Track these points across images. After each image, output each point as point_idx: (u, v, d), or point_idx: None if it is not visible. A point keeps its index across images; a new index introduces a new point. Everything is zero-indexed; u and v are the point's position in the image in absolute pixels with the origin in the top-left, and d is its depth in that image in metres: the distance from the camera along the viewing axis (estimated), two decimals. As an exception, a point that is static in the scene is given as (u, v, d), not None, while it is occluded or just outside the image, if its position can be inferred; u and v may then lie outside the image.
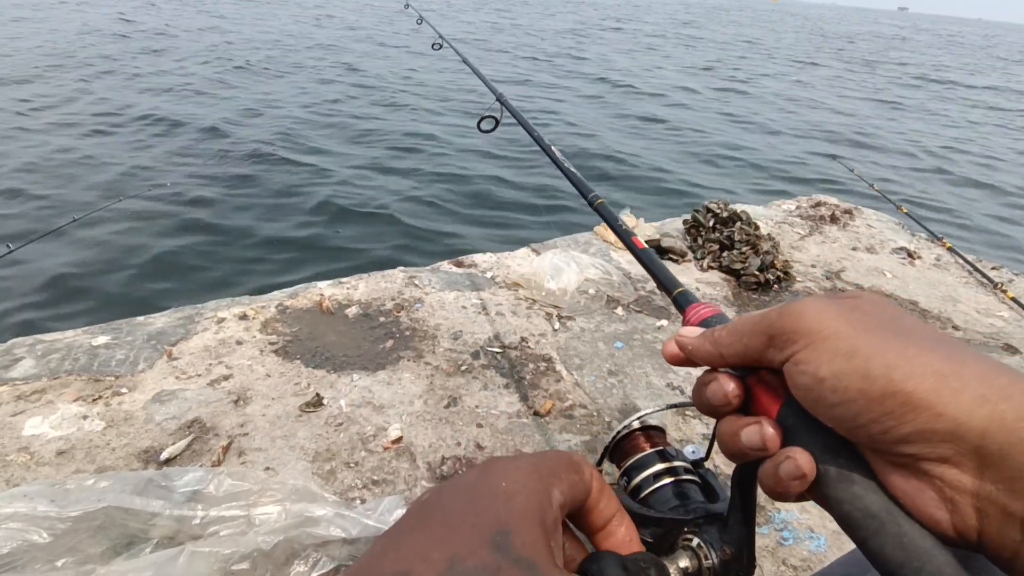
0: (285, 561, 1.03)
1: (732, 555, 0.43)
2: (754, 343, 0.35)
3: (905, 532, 0.30)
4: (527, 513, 0.29)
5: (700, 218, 2.66)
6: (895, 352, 0.30)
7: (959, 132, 9.75)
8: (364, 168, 5.18)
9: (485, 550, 0.26)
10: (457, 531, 0.28)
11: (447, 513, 0.29)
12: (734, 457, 0.37)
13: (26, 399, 1.44)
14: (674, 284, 0.57)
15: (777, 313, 0.34)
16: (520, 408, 1.58)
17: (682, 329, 0.42)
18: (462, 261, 2.33)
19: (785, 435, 0.34)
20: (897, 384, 0.29)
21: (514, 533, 0.27)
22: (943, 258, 2.93)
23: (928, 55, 24.52)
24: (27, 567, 0.94)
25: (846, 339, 0.31)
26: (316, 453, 1.37)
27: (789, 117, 9.28)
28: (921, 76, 16.54)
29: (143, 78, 7.65)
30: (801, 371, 0.32)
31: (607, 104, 8.78)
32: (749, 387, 0.37)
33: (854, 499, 0.31)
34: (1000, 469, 0.27)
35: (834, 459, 0.32)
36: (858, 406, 0.30)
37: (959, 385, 0.28)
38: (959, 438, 0.28)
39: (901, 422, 0.29)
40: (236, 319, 1.81)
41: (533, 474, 0.31)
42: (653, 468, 0.56)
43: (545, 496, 0.30)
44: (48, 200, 4.22)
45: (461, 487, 0.31)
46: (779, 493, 0.34)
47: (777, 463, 0.33)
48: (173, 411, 1.44)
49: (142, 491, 1.07)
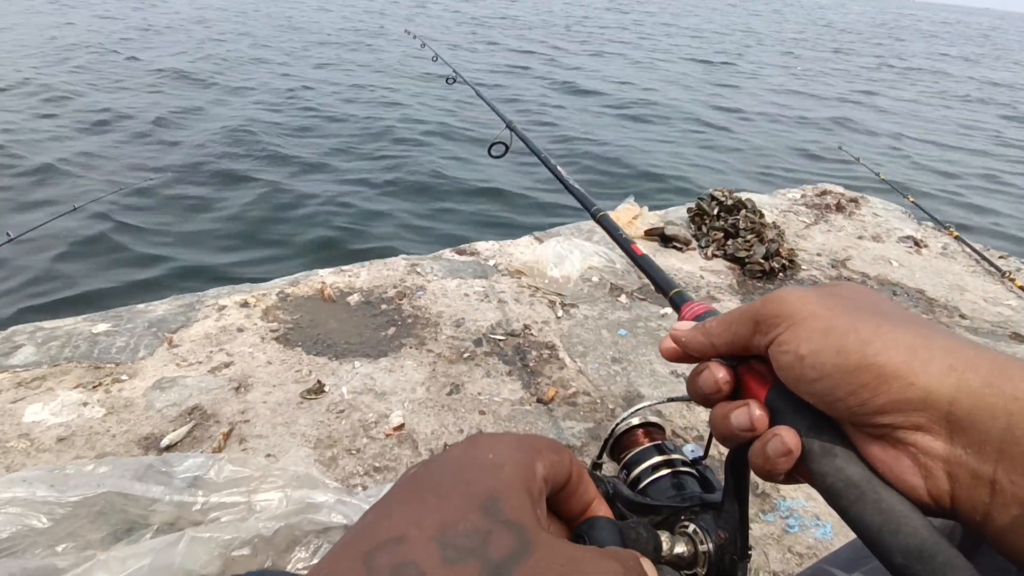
0: (286, 547, 1.02)
1: (727, 539, 0.45)
2: (741, 330, 0.38)
3: (883, 498, 0.31)
4: (514, 482, 0.30)
5: (704, 206, 2.64)
6: (868, 329, 0.32)
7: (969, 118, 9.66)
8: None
9: (476, 515, 0.27)
10: (448, 499, 0.28)
11: (437, 483, 0.30)
12: (726, 440, 0.39)
13: (26, 386, 1.43)
14: (670, 285, 0.61)
15: (761, 301, 0.37)
16: (523, 395, 1.57)
17: (676, 324, 0.45)
18: (464, 249, 2.31)
19: (773, 417, 0.36)
20: (870, 358, 0.31)
21: (503, 500, 0.28)
22: (950, 247, 2.90)
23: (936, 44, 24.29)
24: (27, 551, 0.93)
25: (823, 319, 0.34)
26: (317, 440, 1.36)
27: (786, 109, 9.20)
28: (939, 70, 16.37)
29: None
30: (783, 351, 0.35)
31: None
32: (740, 375, 0.39)
33: (836, 471, 0.33)
34: (968, 434, 0.29)
35: (818, 435, 0.34)
36: (835, 380, 0.32)
37: (928, 356, 0.30)
38: (930, 406, 0.30)
39: (875, 393, 0.31)
40: (237, 306, 1.80)
41: (518, 448, 0.32)
42: (651, 460, 0.58)
43: (529, 468, 0.31)
44: (47, 192, 4.21)
45: (449, 460, 0.32)
46: (768, 471, 0.35)
47: (765, 442, 0.35)
48: (174, 398, 1.43)
49: (142, 477, 1.06)
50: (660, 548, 0.44)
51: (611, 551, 0.32)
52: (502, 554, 0.26)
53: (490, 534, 0.27)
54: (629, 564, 0.31)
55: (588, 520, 0.35)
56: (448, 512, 0.28)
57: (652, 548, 0.42)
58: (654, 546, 0.43)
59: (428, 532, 0.27)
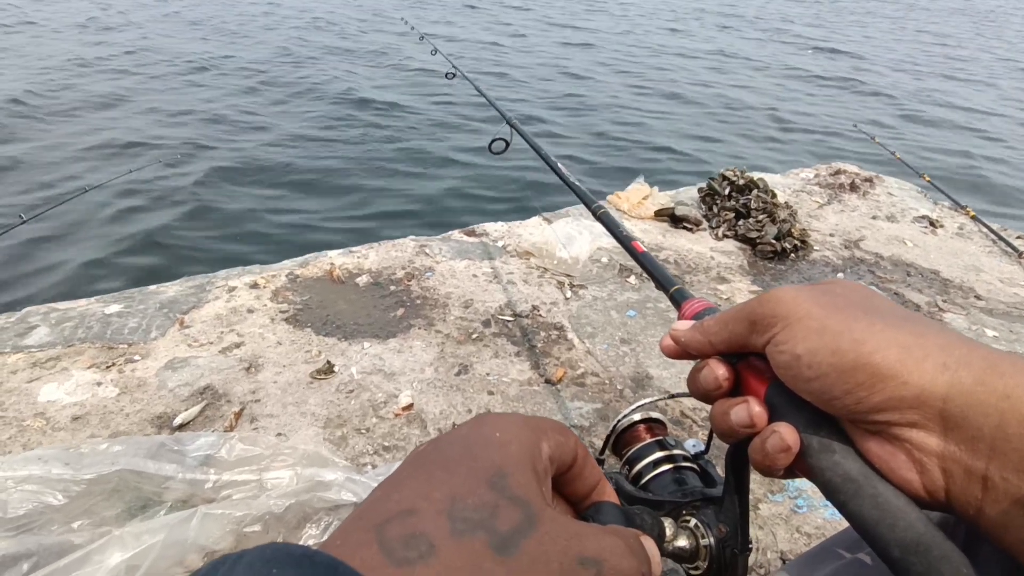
0: (297, 524, 1.03)
1: (727, 533, 0.45)
2: (738, 329, 0.38)
3: (880, 493, 0.32)
4: (521, 459, 0.31)
5: (716, 186, 2.61)
6: (862, 328, 0.33)
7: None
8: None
9: (484, 489, 0.28)
10: (456, 474, 0.29)
11: (446, 459, 0.30)
12: (726, 436, 0.39)
13: (41, 366, 1.45)
14: (670, 282, 0.63)
15: (757, 301, 0.37)
16: (531, 376, 1.57)
17: (675, 323, 0.45)
18: (473, 230, 2.30)
19: (772, 413, 0.37)
20: (865, 357, 0.31)
21: (510, 475, 0.29)
22: (966, 227, 2.85)
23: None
24: (44, 528, 0.95)
25: (818, 318, 0.34)
26: (327, 419, 1.37)
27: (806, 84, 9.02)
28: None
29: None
30: (780, 351, 0.35)
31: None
32: (739, 372, 0.40)
33: (834, 466, 0.34)
34: (961, 430, 0.30)
35: (816, 431, 0.35)
36: (831, 379, 0.32)
37: (922, 355, 0.31)
38: (924, 404, 0.30)
39: (871, 392, 0.31)
40: (247, 288, 1.81)
41: (524, 427, 0.33)
42: (653, 456, 0.58)
43: (535, 446, 0.32)
44: (46, 177, 4.23)
45: (457, 437, 0.32)
46: (767, 467, 0.36)
47: (764, 438, 0.36)
48: (186, 378, 1.45)
49: (155, 455, 1.07)
50: (664, 535, 0.45)
51: (613, 528, 0.33)
52: (509, 527, 0.27)
53: (497, 508, 0.28)
54: (630, 541, 0.31)
55: (594, 505, 0.36)
56: (456, 486, 0.28)
57: (656, 535, 0.42)
58: (658, 533, 0.43)
59: (437, 505, 0.27)
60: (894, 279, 2.30)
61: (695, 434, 1.43)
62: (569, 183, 1.07)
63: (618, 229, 0.85)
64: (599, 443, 0.64)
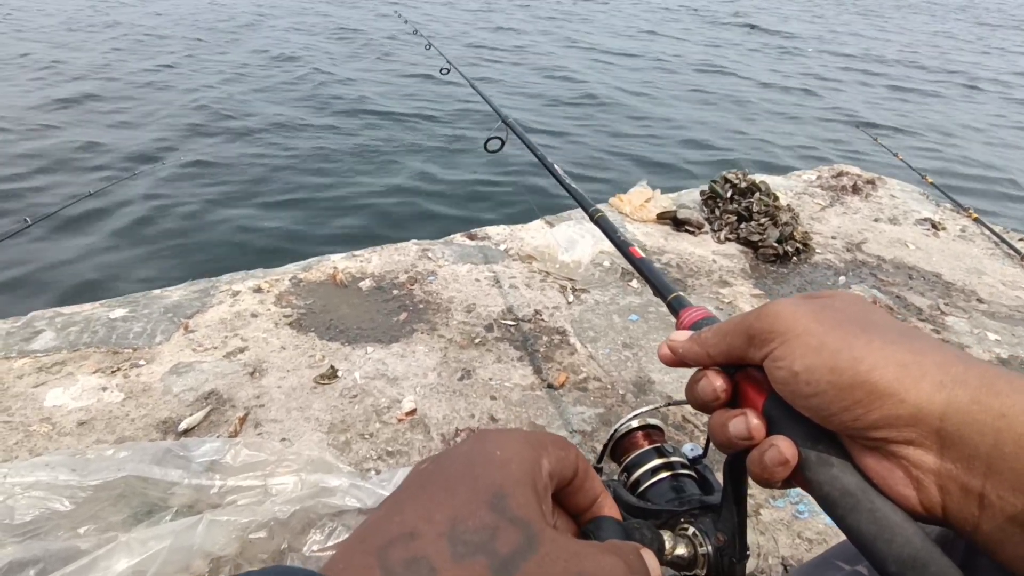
0: (301, 530, 1.04)
1: (725, 542, 0.46)
2: (736, 342, 0.38)
3: (878, 508, 0.32)
4: (521, 478, 0.31)
5: (717, 188, 2.61)
6: (860, 345, 0.33)
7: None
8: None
9: (484, 511, 0.29)
10: (457, 495, 0.30)
11: (447, 478, 0.31)
12: (724, 447, 0.39)
13: (47, 371, 1.46)
14: (669, 289, 0.62)
15: (755, 314, 0.37)
16: (534, 381, 1.58)
17: (673, 333, 0.45)
18: (475, 234, 2.31)
19: (770, 426, 0.37)
20: (863, 375, 0.32)
21: (510, 496, 0.30)
22: (969, 229, 2.85)
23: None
24: (50, 534, 0.96)
25: (816, 335, 0.34)
26: (331, 424, 1.38)
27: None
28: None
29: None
30: (778, 367, 0.35)
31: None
32: (737, 383, 0.40)
33: (832, 480, 0.34)
34: (958, 449, 0.30)
35: (814, 445, 0.35)
36: (829, 397, 0.33)
37: (919, 373, 0.31)
38: (921, 422, 0.30)
39: (869, 410, 0.31)
40: (251, 292, 1.82)
41: (524, 444, 0.33)
42: (651, 463, 0.58)
43: (536, 464, 0.32)
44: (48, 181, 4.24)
45: (458, 455, 0.33)
46: (765, 479, 0.36)
47: (763, 451, 0.36)
48: (190, 383, 1.46)
49: (161, 461, 1.08)
50: (664, 549, 0.45)
51: (613, 545, 0.33)
52: (509, 549, 0.27)
53: (497, 530, 0.28)
54: (630, 558, 0.32)
55: (594, 520, 0.36)
56: (457, 507, 0.29)
57: (656, 549, 0.42)
58: (658, 547, 0.44)
59: (438, 528, 0.28)
60: (896, 282, 2.30)
61: (697, 439, 1.43)
62: (566, 185, 1.04)
63: (616, 234, 0.83)
64: (601, 448, 0.64)
